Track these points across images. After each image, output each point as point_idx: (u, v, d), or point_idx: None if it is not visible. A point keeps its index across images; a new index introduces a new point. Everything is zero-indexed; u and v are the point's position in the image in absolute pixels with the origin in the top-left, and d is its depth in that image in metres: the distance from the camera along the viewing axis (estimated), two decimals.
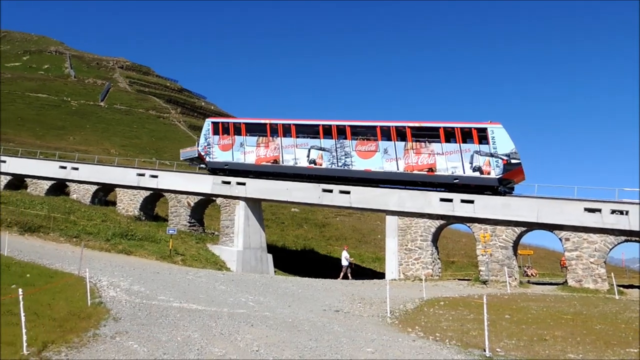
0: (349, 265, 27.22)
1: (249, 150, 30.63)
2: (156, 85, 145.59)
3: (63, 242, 24.53)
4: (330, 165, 28.58)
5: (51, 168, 34.10)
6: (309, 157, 29.05)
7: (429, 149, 26.30)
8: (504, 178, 25.01)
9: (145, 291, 14.64)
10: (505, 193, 25.98)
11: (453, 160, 25.65)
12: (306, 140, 29.26)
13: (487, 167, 24.94)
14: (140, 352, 8.28)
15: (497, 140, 24.71)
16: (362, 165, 27.75)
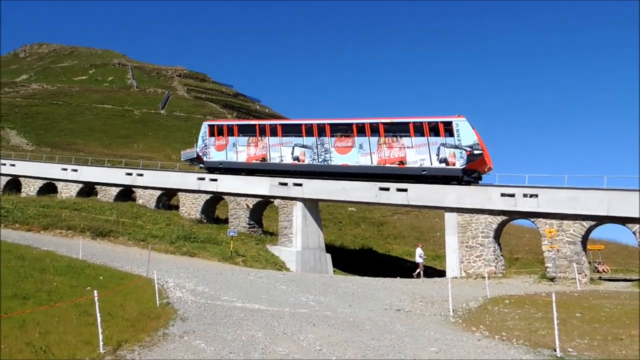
0: (422, 263, 27.36)
1: (241, 149, 33.04)
2: (212, 91, 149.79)
3: (131, 245, 25.63)
4: (311, 161, 30.59)
5: (118, 175, 35.77)
6: (293, 154, 31.18)
7: (399, 143, 27.86)
8: (468, 168, 26.25)
9: (210, 292, 15.08)
10: (469, 182, 26.90)
11: (422, 153, 27.14)
12: (291, 139, 31.47)
13: (452, 158, 26.29)
14: (207, 351, 8.54)
15: (462, 132, 26.05)
16: (340, 160, 29.63)
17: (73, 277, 14.81)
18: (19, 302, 10.89)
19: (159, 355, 8.17)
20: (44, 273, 14.64)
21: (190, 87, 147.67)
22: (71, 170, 36.81)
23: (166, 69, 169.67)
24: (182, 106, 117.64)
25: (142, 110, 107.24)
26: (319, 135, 30.46)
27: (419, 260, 27.12)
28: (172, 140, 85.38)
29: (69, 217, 27.80)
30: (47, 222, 26.50)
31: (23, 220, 26.61)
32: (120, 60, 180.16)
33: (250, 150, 32.78)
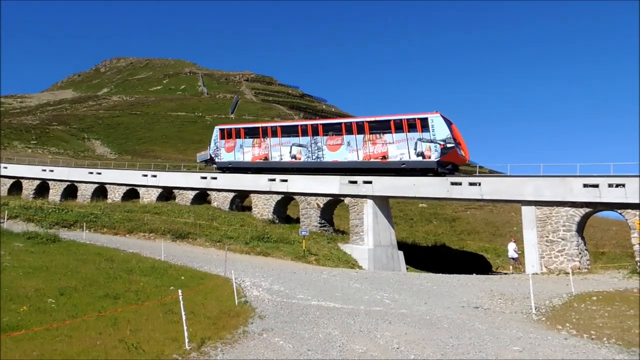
0: (516, 258, 26.82)
1: (247, 150, 36.05)
2: (279, 93, 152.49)
3: (208, 246, 26.62)
4: (307, 158, 33.22)
5: (194, 179, 37.24)
6: (291, 153, 33.86)
7: (382, 139, 30.00)
8: (442, 160, 27.92)
9: (285, 290, 15.37)
10: (444, 174, 28.36)
11: (401, 148, 29.16)
12: (289, 139, 34.09)
13: (428, 151, 28.14)
14: (286, 349, 8.72)
15: (436, 128, 27.83)
16: (331, 157, 32.18)
17: (157, 278, 15.59)
18: (110, 302, 11.62)
19: (241, 352, 8.43)
20: (131, 274, 15.53)
21: (258, 90, 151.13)
22: (151, 176, 38.77)
23: (234, 74, 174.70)
24: (250, 110, 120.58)
25: (213, 116, 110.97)
26: (313, 135, 33.07)
27: (514, 255, 26.60)
28: None
29: (151, 221, 29.30)
30: (132, 226, 28.07)
31: (110, 225, 28.36)
32: (191, 68, 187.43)
33: (254, 150, 35.69)
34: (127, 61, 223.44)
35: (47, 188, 43.63)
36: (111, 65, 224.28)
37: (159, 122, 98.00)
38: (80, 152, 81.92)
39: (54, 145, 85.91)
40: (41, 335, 8.24)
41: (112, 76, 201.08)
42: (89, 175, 41.57)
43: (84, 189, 41.43)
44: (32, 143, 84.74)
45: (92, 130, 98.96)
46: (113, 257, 18.55)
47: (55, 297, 11.35)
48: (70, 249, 19.30)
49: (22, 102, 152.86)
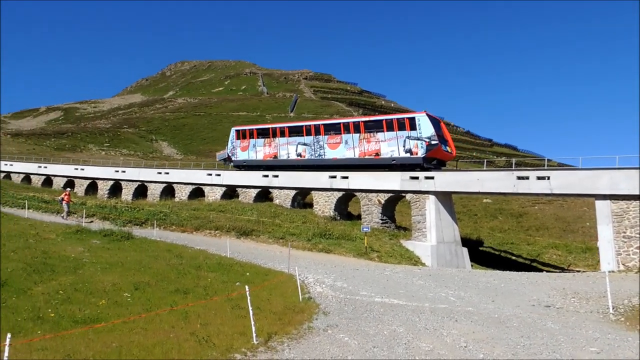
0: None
1: (259, 149, 39.30)
2: (338, 90, 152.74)
3: (271, 243, 27.06)
4: (310, 156, 36.18)
5: (256, 177, 38.03)
6: (297, 151, 36.95)
7: (376, 137, 32.71)
8: (428, 156, 30.46)
9: (348, 287, 15.39)
10: (429, 169, 30.52)
11: (392, 145, 31.79)
12: (295, 139, 37.14)
13: (415, 148, 30.66)
14: (351, 345, 8.74)
15: (422, 126, 30.44)
16: (331, 155, 35.07)
17: (223, 274, 16.02)
18: (180, 296, 12.07)
19: (307, 347, 8.53)
20: (199, 270, 16.06)
21: (317, 88, 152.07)
22: (215, 175, 39.95)
23: (293, 73, 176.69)
24: (309, 107, 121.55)
25: (273, 115, 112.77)
26: (316, 135, 36.01)
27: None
28: None
29: (216, 219, 30.18)
30: (198, 224, 29.02)
31: (178, 223, 29.46)
32: (251, 69, 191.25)
33: (265, 149, 38.91)
34: (191, 64, 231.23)
35: (119, 188, 45.98)
36: (176, 69, 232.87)
37: (222, 123, 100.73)
38: (149, 153, 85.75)
39: (125, 147, 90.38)
40: (119, 328, 8.69)
41: (177, 79, 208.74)
42: (158, 175, 43.39)
43: (153, 189, 43.31)
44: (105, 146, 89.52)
45: (159, 132, 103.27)
46: (182, 253, 19.24)
47: (130, 292, 11.92)
48: (142, 246, 20.19)
49: (96, 107, 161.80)
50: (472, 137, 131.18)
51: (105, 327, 8.49)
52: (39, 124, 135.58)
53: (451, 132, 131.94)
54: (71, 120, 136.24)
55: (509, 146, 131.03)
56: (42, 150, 78.89)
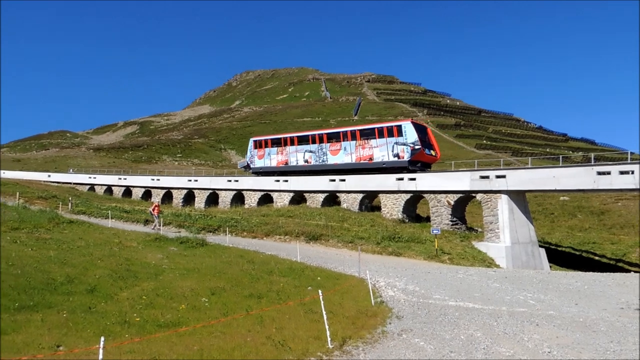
0: None
1: (273, 157, 43.40)
2: (401, 91, 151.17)
3: (341, 247, 27.14)
4: (315, 162, 40.07)
5: (323, 182, 38.30)
6: (304, 158, 40.85)
7: (369, 144, 36.34)
8: (412, 160, 33.75)
9: (420, 290, 15.14)
10: (414, 171, 33.58)
11: (383, 150, 35.36)
12: (303, 147, 41.14)
13: (402, 153, 34.10)
14: (427, 350, 8.58)
15: (407, 133, 33.91)
16: (332, 160, 38.86)
17: (295, 278, 16.24)
18: (255, 301, 12.35)
19: (382, 352, 8.47)
20: (271, 275, 16.37)
21: (380, 90, 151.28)
22: (283, 181, 40.64)
23: (355, 76, 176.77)
24: (373, 110, 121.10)
25: (337, 119, 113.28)
26: (320, 143, 39.92)
27: None
28: None
29: (285, 224, 30.67)
30: (268, 229, 29.62)
31: (249, 229, 30.22)
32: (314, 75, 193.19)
33: (278, 157, 42.97)
34: (255, 73, 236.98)
35: (192, 196, 47.81)
36: (241, 79, 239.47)
37: (287, 129, 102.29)
38: (218, 162, 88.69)
39: (195, 157, 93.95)
40: (199, 331, 9.01)
41: (243, 89, 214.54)
42: (228, 183, 44.73)
43: (224, 196, 44.68)
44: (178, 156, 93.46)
45: (227, 141, 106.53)
46: (254, 259, 19.69)
47: (207, 297, 12.33)
48: (216, 252, 20.86)
49: (168, 119, 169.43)
50: (545, 133, 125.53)
51: (186, 330, 8.84)
52: (118, 138, 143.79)
53: (521, 128, 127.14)
54: (146, 133, 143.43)
55: (585, 140, 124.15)
56: (121, 163, 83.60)
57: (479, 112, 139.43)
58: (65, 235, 21.67)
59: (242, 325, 9.74)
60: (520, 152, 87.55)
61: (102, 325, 9.08)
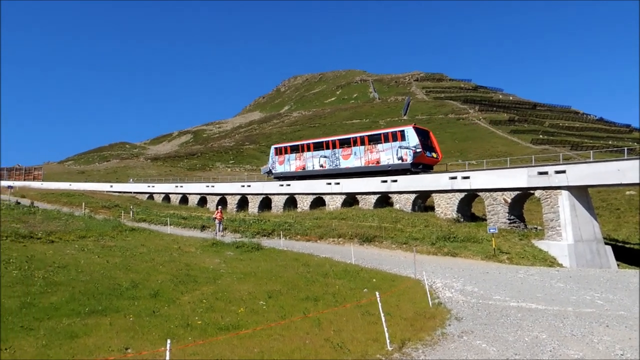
0: None
1: (292, 162, 46.32)
2: (451, 89, 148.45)
3: (395, 248, 26.88)
4: (329, 166, 42.71)
5: (374, 183, 38.08)
6: (319, 163, 43.63)
7: (376, 148, 38.85)
8: (414, 162, 36.16)
9: (479, 291, 14.77)
10: (416, 172, 36.13)
11: (388, 154, 37.76)
12: (318, 152, 43.92)
13: (405, 156, 36.42)
14: (490, 352, 8.34)
15: (409, 137, 36.37)
16: (344, 165, 41.48)
17: (350, 280, 16.22)
18: (311, 304, 12.42)
19: (442, 354, 8.31)
20: (326, 277, 16.42)
21: (429, 88, 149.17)
22: (334, 184, 40.71)
23: (403, 76, 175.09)
24: (422, 109, 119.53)
25: (386, 120, 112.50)
26: (333, 148, 42.63)
27: None
28: None
29: (338, 226, 30.70)
30: (321, 232, 29.76)
31: (302, 232, 30.46)
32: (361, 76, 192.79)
33: (296, 162, 45.86)
34: (303, 78, 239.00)
35: (246, 201, 48.71)
36: (289, 84, 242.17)
37: (336, 132, 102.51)
38: None
39: (247, 162, 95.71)
40: (258, 334, 9.15)
41: (291, 94, 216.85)
42: (280, 188, 45.28)
43: (276, 200, 45.26)
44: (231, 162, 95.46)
45: None
46: (308, 262, 19.83)
47: (265, 300, 12.52)
48: (271, 256, 21.16)
49: (220, 127, 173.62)
50: (606, 125, 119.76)
51: (246, 333, 9.00)
52: (173, 147, 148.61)
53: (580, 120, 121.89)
54: (200, 141, 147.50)
55: None
56: (177, 171, 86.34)
57: (534, 105, 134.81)
58: (128, 243, 22.59)
59: (300, 327, 9.81)
60: (580, 146, 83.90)
61: (166, 328, 9.39)
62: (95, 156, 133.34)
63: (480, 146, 79.70)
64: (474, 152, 73.64)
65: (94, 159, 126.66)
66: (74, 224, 28.10)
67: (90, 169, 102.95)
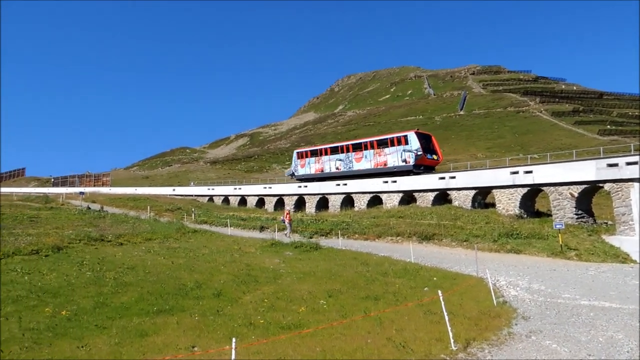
0: None
1: (312, 165, 50.01)
2: (509, 81, 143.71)
3: (455, 246, 26.29)
4: (344, 169, 46.10)
5: (432, 181, 37.43)
6: (335, 165, 47.16)
7: (384, 152, 42.13)
8: (416, 164, 39.24)
9: (546, 289, 14.21)
10: (418, 173, 38.80)
11: (394, 157, 40.98)
12: (334, 156, 47.52)
13: (408, 158, 39.49)
14: (561, 353, 8.00)
15: (412, 141, 39.62)
16: (356, 167, 44.76)
17: (410, 279, 16.02)
18: (371, 303, 12.36)
19: (510, 354, 8.04)
20: (385, 276, 16.30)
21: (486, 82, 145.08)
22: (391, 182, 40.32)
23: (459, 70, 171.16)
24: (480, 103, 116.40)
25: (442, 115, 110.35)
26: (347, 152, 46.14)
27: None
28: (475, 139, 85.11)
29: (396, 225, 30.38)
30: (379, 231, 29.54)
31: (360, 231, 30.37)
32: (416, 72, 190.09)
33: (316, 165, 49.51)
34: (357, 77, 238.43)
35: (303, 202, 49.13)
36: (343, 84, 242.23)
37: (391, 129, 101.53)
38: None
39: None
40: (320, 333, 9.19)
41: (345, 93, 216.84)
42: (337, 187, 45.34)
43: (333, 200, 45.37)
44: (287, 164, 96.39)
45: None
46: (367, 261, 19.75)
47: (325, 299, 12.57)
48: (329, 255, 21.24)
49: (275, 129, 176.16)
50: None
51: (308, 332, 9.06)
52: (231, 150, 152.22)
53: None
54: (256, 144, 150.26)
55: None
56: (235, 174, 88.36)
57: (600, 95, 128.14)
58: (191, 244, 23.34)
59: (362, 326, 9.78)
60: None
61: (229, 327, 9.62)
62: (158, 161, 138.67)
63: (542, 139, 76.59)
64: (536, 145, 70.84)
65: (157, 164, 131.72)
66: (141, 226, 29.34)
67: (154, 173, 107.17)
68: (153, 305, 11.09)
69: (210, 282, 13.99)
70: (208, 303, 11.62)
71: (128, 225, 30.07)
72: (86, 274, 14.19)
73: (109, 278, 13.73)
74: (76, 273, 14.27)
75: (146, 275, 14.57)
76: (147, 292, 12.33)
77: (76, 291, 12.13)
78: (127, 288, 12.72)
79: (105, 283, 13.12)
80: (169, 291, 12.57)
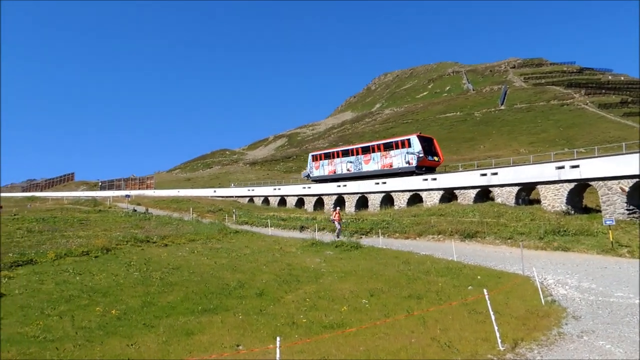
0: None
1: (325, 167, 53.26)
2: (552, 73, 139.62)
3: (498, 244, 25.68)
4: (354, 170, 48.99)
5: (473, 177, 36.73)
6: (346, 167, 50.16)
7: (389, 154, 45.27)
8: (418, 165, 42.43)
9: (598, 288, 13.68)
10: (420, 174, 41.45)
11: (398, 159, 44.20)
12: (345, 158, 50.72)
13: (411, 160, 42.78)
14: (616, 354, 7.68)
15: (414, 144, 43.09)
16: (365, 168, 47.60)
17: (453, 278, 15.73)
18: (414, 302, 12.20)
19: (561, 355, 7.78)
20: (428, 275, 16.07)
21: (527, 75, 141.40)
22: (431, 179, 39.81)
23: (499, 64, 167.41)
24: (521, 97, 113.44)
25: (482, 111, 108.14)
26: (357, 155, 49.25)
27: None
28: (517, 134, 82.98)
29: (437, 223, 29.93)
30: (420, 229, 29.18)
31: (400, 230, 30.08)
32: (454, 68, 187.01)
33: (329, 167, 52.76)
34: (393, 75, 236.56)
35: (342, 201, 49.07)
36: (380, 82, 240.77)
37: (430, 126, 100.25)
38: None
39: None
40: (363, 332, 9.14)
41: (382, 91, 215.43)
42: (376, 186, 45.09)
43: (373, 199, 45.14)
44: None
45: None
46: (409, 259, 19.53)
47: (367, 298, 12.50)
48: (370, 254, 21.12)
49: (314, 129, 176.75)
50: None
51: (350, 331, 9.02)
52: (269, 151, 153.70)
53: None
54: (294, 144, 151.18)
55: None
56: (274, 175, 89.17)
57: None
58: (233, 244, 23.68)
59: (405, 326, 9.66)
60: None
61: (272, 326, 9.68)
62: (199, 164, 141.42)
63: (589, 132, 73.92)
64: (582, 139, 68.44)
65: (198, 167, 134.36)
66: (184, 228, 29.98)
67: (195, 176, 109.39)
68: (198, 305, 11.30)
69: (253, 282, 14.14)
70: (251, 302, 11.74)
71: (172, 226, 30.78)
72: (133, 274, 14.60)
73: (155, 278, 14.08)
74: (124, 273, 14.71)
75: (190, 275, 14.87)
76: (191, 292, 12.57)
77: (124, 291, 12.49)
78: (173, 288, 13.01)
79: (152, 283, 13.46)
80: (212, 291, 12.77)
